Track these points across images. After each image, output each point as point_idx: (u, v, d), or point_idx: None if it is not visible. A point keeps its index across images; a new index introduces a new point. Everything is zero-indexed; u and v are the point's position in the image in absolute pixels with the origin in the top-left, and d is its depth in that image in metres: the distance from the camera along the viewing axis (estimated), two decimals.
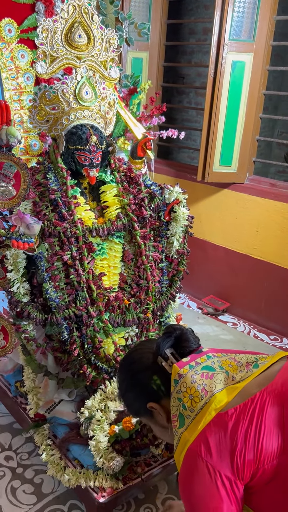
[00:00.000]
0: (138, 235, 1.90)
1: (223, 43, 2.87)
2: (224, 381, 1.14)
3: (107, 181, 1.92)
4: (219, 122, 3.04)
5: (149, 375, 1.24)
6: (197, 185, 3.33)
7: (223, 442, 1.04)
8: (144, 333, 1.96)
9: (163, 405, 1.22)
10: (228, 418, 1.06)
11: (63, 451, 1.81)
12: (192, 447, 1.07)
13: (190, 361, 1.18)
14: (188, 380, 1.14)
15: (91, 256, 1.82)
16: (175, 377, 1.16)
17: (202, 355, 1.21)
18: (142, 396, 1.25)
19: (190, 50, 5.22)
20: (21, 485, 1.97)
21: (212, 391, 1.10)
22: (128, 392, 1.31)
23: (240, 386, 1.11)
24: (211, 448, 1.04)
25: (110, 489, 1.68)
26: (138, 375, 1.27)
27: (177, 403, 1.14)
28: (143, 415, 1.29)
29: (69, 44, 1.78)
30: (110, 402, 1.79)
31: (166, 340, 1.22)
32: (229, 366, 1.18)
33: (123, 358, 1.38)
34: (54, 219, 1.75)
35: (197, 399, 1.11)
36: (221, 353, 1.23)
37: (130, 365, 1.30)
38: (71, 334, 1.79)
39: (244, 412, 1.06)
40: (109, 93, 1.91)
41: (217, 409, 1.08)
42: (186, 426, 1.10)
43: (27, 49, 3.02)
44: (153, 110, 3.02)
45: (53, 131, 1.84)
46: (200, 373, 1.15)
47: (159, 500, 1.94)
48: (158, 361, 1.22)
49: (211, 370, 1.16)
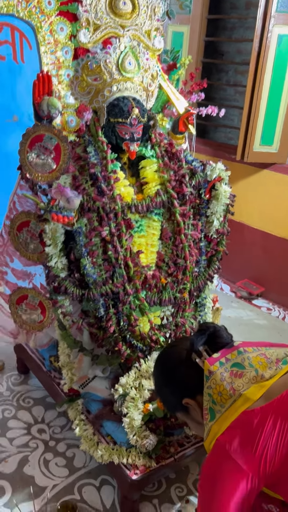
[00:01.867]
0: (177, 213, 1.85)
1: (270, 15, 2.74)
2: (252, 379, 1.16)
3: (147, 156, 1.87)
4: (262, 100, 2.92)
5: (184, 371, 1.28)
6: (235, 165, 3.23)
7: (247, 439, 1.07)
8: (180, 313, 1.93)
9: (198, 401, 1.25)
10: (254, 416, 1.08)
11: (97, 427, 1.81)
12: (220, 439, 1.11)
13: (221, 357, 1.21)
14: (217, 377, 1.17)
15: (129, 233, 1.78)
16: (206, 373, 1.20)
17: (233, 350, 1.23)
18: (178, 392, 1.29)
19: (230, 26, 5.02)
20: (54, 458, 1.99)
21: (239, 390, 1.13)
22: (164, 388, 1.34)
23: (267, 384, 1.13)
24: (235, 443, 1.08)
25: (143, 467, 1.67)
26: (173, 371, 1.31)
27: (208, 398, 1.18)
28: (179, 410, 1.32)
29: (113, 11, 1.72)
30: (144, 380, 1.77)
31: (200, 337, 1.26)
32: (259, 363, 1.19)
33: (159, 354, 1.41)
34: (94, 194, 1.72)
35: (226, 396, 1.14)
36: (252, 348, 1.24)
37: (166, 362, 1.35)
38: (107, 310, 1.77)
39: (269, 411, 1.08)
40: (152, 64, 1.84)
41: (244, 407, 1.11)
42: (216, 419, 1.15)
43: (67, 22, 2.96)
44: (193, 86, 2.93)
45: (94, 103, 1.79)
46: (230, 371, 1.18)
47: (190, 481, 1.93)
48: (192, 357, 1.26)
49: (241, 368, 1.18)
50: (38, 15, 2.85)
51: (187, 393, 1.27)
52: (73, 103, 2.95)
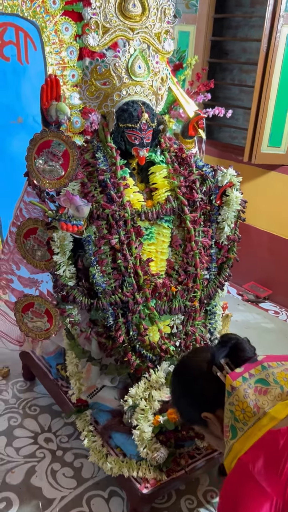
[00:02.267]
0: (188, 220, 1.81)
1: (279, 14, 2.69)
2: (277, 397, 1.10)
3: (156, 161, 1.83)
4: (270, 100, 2.88)
5: (203, 384, 1.23)
6: (242, 166, 3.19)
7: (272, 460, 1.02)
8: (190, 321, 1.89)
9: (218, 415, 1.20)
10: (280, 437, 1.04)
11: (105, 438, 1.78)
12: (242, 458, 1.06)
13: (244, 372, 1.15)
14: (240, 394, 1.12)
15: (139, 241, 1.74)
16: (228, 388, 1.14)
17: (257, 365, 1.17)
18: (197, 405, 1.24)
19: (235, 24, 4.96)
20: (61, 468, 1.96)
21: (264, 408, 1.08)
22: (182, 399, 1.30)
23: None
24: (259, 464, 1.03)
25: (153, 481, 1.64)
26: (192, 383, 1.26)
27: (229, 415, 1.13)
28: (198, 423, 1.28)
29: (122, 14, 1.68)
30: (154, 391, 1.73)
31: (222, 350, 1.21)
32: (284, 379, 1.13)
33: (176, 365, 1.36)
34: (103, 201, 1.68)
35: (250, 414, 1.09)
36: (277, 362, 1.18)
37: (185, 373, 1.30)
38: (116, 320, 1.73)
39: None
40: (162, 67, 1.80)
41: (269, 426, 1.06)
42: (238, 437, 1.10)
43: (71, 22, 2.91)
44: (200, 87, 2.88)
45: (103, 108, 1.75)
46: (254, 387, 1.12)
47: (200, 492, 1.90)
48: (213, 371, 1.20)
49: (266, 385, 1.12)
50: (43, 15, 2.80)
51: (207, 407, 1.22)
52: (78, 104, 2.91)
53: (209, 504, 1.85)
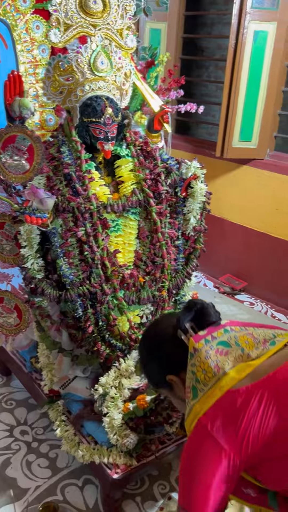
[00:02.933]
0: (154, 212, 1.85)
1: (245, 11, 2.74)
2: (238, 358, 1.13)
3: (122, 155, 1.87)
4: (239, 96, 2.93)
5: (169, 348, 1.25)
6: (215, 161, 3.25)
7: (230, 418, 1.05)
8: (159, 311, 1.93)
9: (182, 378, 1.22)
10: (238, 396, 1.06)
11: (77, 427, 1.81)
12: (201, 419, 1.09)
13: (207, 335, 1.18)
14: (202, 355, 1.14)
15: (106, 233, 1.78)
16: (191, 350, 1.17)
17: (220, 328, 1.20)
18: (162, 369, 1.27)
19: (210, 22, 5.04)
20: (36, 459, 1.99)
21: (224, 369, 1.10)
22: (149, 364, 1.33)
23: (254, 364, 1.11)
24: (217, 423, 1.06)
25: (124, 466, 1.68)
26: (158, 348, 1.29)
27: (191, 376, 1.15)
28: (163, 387, 1.31)
29: (83, 11, 1.71)
30: (124, 379, 1.77)
31: (187, 314, 1.23)
32: (245, 342, 1.16)
33: (144, 330, 1.39)
34: (68, 194, 1.72)
35: (210, 375, 1.11)
36: (239, 327, 1.22)
37: (151, 338, 1.33)
38: (85, 311, 1.77)
39: (254, 392, 1.06)
40: (125, 63, 1.84)
41: (228, 386, 1.08)
42: (198, 398, 1.12)
43: (43, 20, 2.92)
44: (171, 83, 2.93)
45: (67, 103, 1.78)
46: (215, 349, 1.14)
47: (172, 478, 1.94)
48: (178, 334, 1.22)
49: (226, 346, 1.15)
50: (13, 13, 2.81)
51: (171, 370, 1.25)
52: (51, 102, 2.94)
53: None
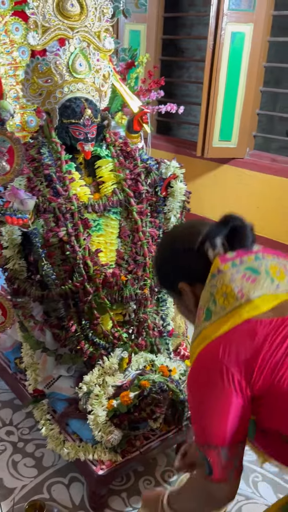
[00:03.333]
0: (134, 211, 1.88)
1: (222, 13, 2.79)
2: (266, 288, 1.00)
3: (102, 155, 1.89)
4: (219, 96, 2.98)
5: (189, 257, 1.12)
6: (196, 161, 3.29)
7: (246, 349, 0.96)
8: (142, 309, 1.96)
9: (194, 289, 1.13)
10: (260, 328, 0.97)
11: (62, 425, 1.83)
12: (211, 345, 1.00)
13: (235, 258, 1.05)
14: (227, 278, 1.02)
15: (87, 232, 1.80)
16: (214, 271, 1.05)
17: (251, 254, 1.06)
18: (177, 274, 1.16)
19: (189, 23, 5.10)
20: (22, 458, 2.00)
21: (249, 296, 0.99)
22: (163, 265, 1.20)
23: (282, 297, 1.00)
24: (231, 352, 0.97)
25: (109, 462, 1.70)
26: (179, 253, 1.15)
27: (208, 297, 1.04)
28: (172, 292, 1.20)
29: (61, 13, 1.73)
30: (108, 377, 1.79)
31: (221, 228, 1.08)
32: (276, 273, 1.03)
33: (173, 228, 1.24)
34: (49, 195, 1.73)
35: (232, 299, 1.00)
36: (272, 256, 1.08)
37: (175, 240, 1.18)
38: (68, 310, 1.79)
39: (279, 327, 0.97)
40: (103, 65, 1.86)
41: (250, 314, 0.98)
42: (211, 322, 1.02)
43: (22, 22, 2.94)
44: (151, 84, 2.96)
45: (47, 105, 1.80)
46: (242, 273, 1.02)
47: (158, 473, 1.97)
48: (205, 246, 1.09)
49: (255, 273, 1.02)
50: None
51: (186, 279, 1.14)
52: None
53: (167, 483, 1.93)
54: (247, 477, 1.94)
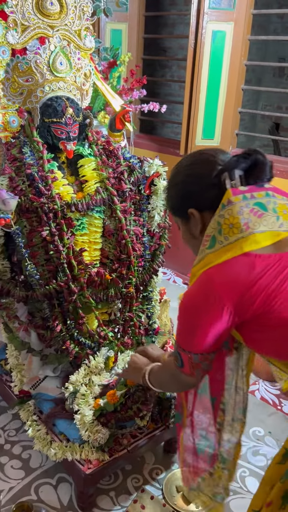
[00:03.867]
0: (118, 210, 1.88)
1: (203, 12, 2.80)
2: (271, 224, 1.05)
3: (85, 154, 1.89)
4: (201, 95, 2.99)
5: (203, 184, 1.13)
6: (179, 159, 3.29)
7: (242, 280, 1.02)
8: (127, 307, 1.96)
9: (203, 216, 1.15)
10: (258, 261, 1.02)
11: (49, 426, 1.82)
12: (211, 271, 1.07)
13: (246, 192, 1.08)
14: (235, 209, 1.06)
15: (71, 232, 1.80)
16: (224, 201, 1.08)
17: (262, 190, 1.09)
18: (188, 199, 1.16)
19: (171, 22, 5.12)
20: (9, 460, 1.98)
21: (253, 230, 1.04)
22: (177, 188, 1.20)
23: (283, 234, 1.05)
24: (226, 279, 1.04)
25: (96, 461, 1.70)
26: (195, 178, 1.15)
27: (215, 226, 1.09)
28: (180, 215, 1.22)
29: (41, 12, 1.72)
30: (94, 376, 1.79)
31: (242, 161, 1.10)
32: (283, 212, 1.07)
33: (193, 153, 1.23)
34: (31, 194, 1.72)
35: (236, 231, 1.05)
36: (282, 196, 1.11)
37: (191, 166, 1.17)
38: (52, 310, 1.78)
39: (278, 262, 1.02)
40: (84, 63, 1.86)
41: (250, 247, 1.03)
42: (215, 249, 1.08)
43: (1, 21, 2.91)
44: (133, 83, 2.96)
45: (28, 104, 1.79)
46: (251, 207, 1.06)
47: (146, 471, 1.97)
48: (223, 176, 1.10)
49: (263, 209, 1.06)
50: None
51: (197, 205, 1.15)
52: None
53: (155, 481, 1.93)
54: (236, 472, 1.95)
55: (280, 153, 4.83)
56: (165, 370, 1.40)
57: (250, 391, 2.48)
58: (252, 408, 2.36)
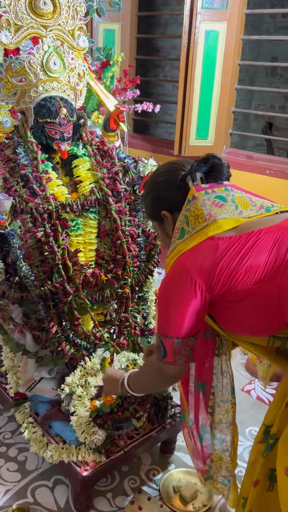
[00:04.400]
0: (113, 210, 1.87)
1: (196, 11, 2.81)
2: (230, 212, 1.20)
3: (79, 155, 1.88)
4: (194, 94, 2.99)
5: (172, 188, 1.31)
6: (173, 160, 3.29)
7: (208, 260, 1.15)
8: (123, 308, 1.95)
9: (174, 217, 1.31)
10: (221, 243, 1.15)
11: (45, 428, 1.81)
12: (182, 257, 1.19)
13: (208, 188, 1.24)
14: (199, 202, 1.22)
15: (66, 233, 1.79)
16: (190, 197, 1.24)
17: (221, 186, 1.26)
18: (160, 203, 1.34)
19: (164, 22, 5.12)
20: (5, 463, 1.97)
21: (215, 217, 1.18)
22: (149, 195, 1.38)
23: (242, 220, 1.19)
24: (196, 262, 1.16)
25: (93, 463, 1.69)
26: (163, 184, 1.34)
27: (183, 219, 1.24)
28: (155, 219, 1.39)
29: (34, 12, 1.71)
30: (90, 377, 1.79)
31: (201, 165, 1.27)
32: (241, 202, 1.23)
33: (161, 165, 1.42)
34: (26, 195, 1.71)
35: (201, 220, 1.20)
36: (240, 191, 1.28)
37: (159, 174, 1.36)
38: (48, 311, 1.77)
39: (237, 242, 1.15)
40: (78, 63, 1.85)
41: (214, 232, 1.17)
42: (184, 239, 1.22)
43: None
44: (127, 83, 2.96)
45: (21, 104, 1.78)
46: (212, 200, 1.22)
47: (143, 472, 1.97)
48: (187, 180, 1.27)
49: (223, 200, 1.22)
50: None
51: (167, 207, 1.32)
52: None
53: (152, 481, 1.93)
54: None
55: (273, 152, 4.85)
56: (147, 368, 1.50)
57: (246, 390, 2.49)
58: (248, 407, 2.36)
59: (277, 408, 1.23)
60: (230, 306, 1.19)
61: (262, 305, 1.14)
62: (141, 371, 1.51)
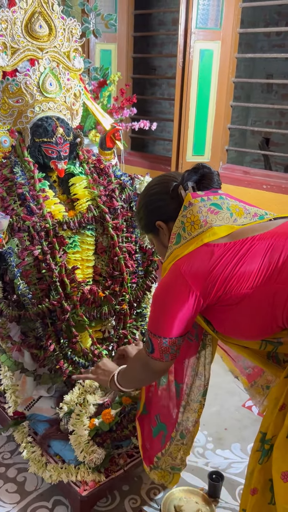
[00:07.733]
0: (110, 227, 1.89)
1: (190, 31, 2.86)
2: (225, 219, 1.23)
3: (76, 173, 1.90)
4: (190, 112, 3.02)
5: (165, 199, 1.34)
6: None
7: (204, 266, 1.18)
8: (121, 324, 1.95)
9: (169, 226, 1.34)
10: (216, 249, 1.18)
11: (44, 447, 1.79)
12: (178, 262, 1.22)
13: (204, 196, 1.27)
14: (195, 209, 1.24)
15: (63, 250, 1.80)
16: (186, 204, 1.27)
17: (216, 194, 1.29)
18: (154, 215, 1.37)
19: (160, 42, 5.21)
20: (4, 484, 1.95)
21: (211, 224, 1.21)
22: (143, 208, 1.40)
23: (236, 227, 1.22)
24: (191, 267, 1.19)
25: (92, 483, 1.67)
26: (156, 196, 1.37)
27: (179, 225, 1.27)
28: (150, 231, 1.42)
29: (30, 35, 1.75)
30: (89, 395, 1.78)
31: (192, 174, 1.31)
32: (236, 210, 1.27)
33: (153, 179, 1.45)
34: (23, 214, 1.73)
35: (197, 227, 1.23)
36: (234, 200, 1.31)
37: (152, 187, 1.39)
38: (46, 329, 1.77)
39: (232, 248, 1.18)
40: (74, 84, 1.88)
41: (209, 239, 1.20)
42: (180, 244, 1.25)
43: None
44: (124, 102, 3.00)
45: (18, 124, 1.81)
46: (208, 207, 1.25)
47: (143, 491, 1.94)
48: (179, 189, 1.31)
49: (218, 208, 1.25)
50: None
51: (162, 218, 1.35)
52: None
53: (153, 501, 1.90)
54: (234, 490, 1.92)
55: (270, 167, 4.89)
56: (135, 361, 1.53)
57: (247, 407, 2.46)
58: (250, 424, 2.33)
59: (272, 415, 1.23)
60: (225, 310, 1.22)
61: (257, 309, 1.17)
62: (129, 366, 1.55)
